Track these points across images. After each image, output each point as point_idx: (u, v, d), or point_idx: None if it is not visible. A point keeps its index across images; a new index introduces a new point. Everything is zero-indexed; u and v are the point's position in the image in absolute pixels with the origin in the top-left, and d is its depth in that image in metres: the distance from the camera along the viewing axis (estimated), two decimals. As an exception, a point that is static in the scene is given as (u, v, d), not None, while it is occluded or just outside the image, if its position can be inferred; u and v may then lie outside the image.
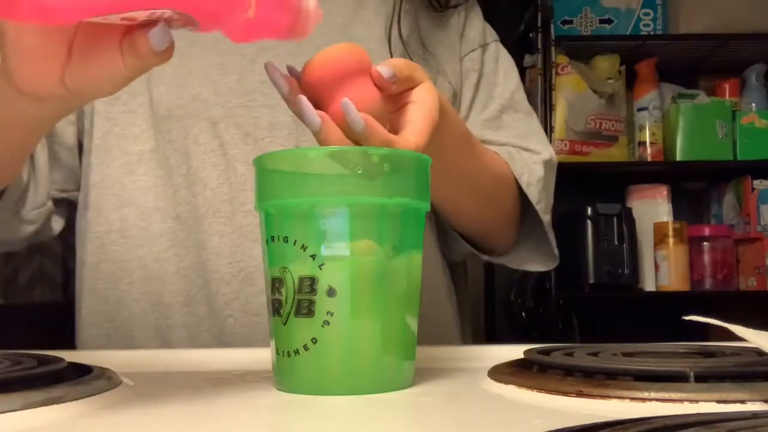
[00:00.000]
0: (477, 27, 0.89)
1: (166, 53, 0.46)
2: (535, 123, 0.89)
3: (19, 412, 0.41)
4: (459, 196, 0.77)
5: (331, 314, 0.48)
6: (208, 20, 0.45)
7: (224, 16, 0.45)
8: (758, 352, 0.51)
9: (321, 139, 0.54)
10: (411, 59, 0.76)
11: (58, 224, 0.84)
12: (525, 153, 0.83)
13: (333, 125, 0.54)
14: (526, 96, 0.90)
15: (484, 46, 0.88)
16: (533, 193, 0.80)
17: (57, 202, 0.82)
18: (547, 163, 0.83)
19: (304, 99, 0.54)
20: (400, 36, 0.82)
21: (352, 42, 0.58)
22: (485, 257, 0.86)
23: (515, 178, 0.80)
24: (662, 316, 1.56)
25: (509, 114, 0.86)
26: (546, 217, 0.82)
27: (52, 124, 0.74)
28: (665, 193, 2.24)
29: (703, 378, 0.44)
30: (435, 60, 0.85)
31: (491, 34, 0.91)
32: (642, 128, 2.25)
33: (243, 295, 0.76)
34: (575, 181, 2.09)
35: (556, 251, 0.84)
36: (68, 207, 0.85)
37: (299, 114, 0.54)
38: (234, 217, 0.77)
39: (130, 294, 0.79)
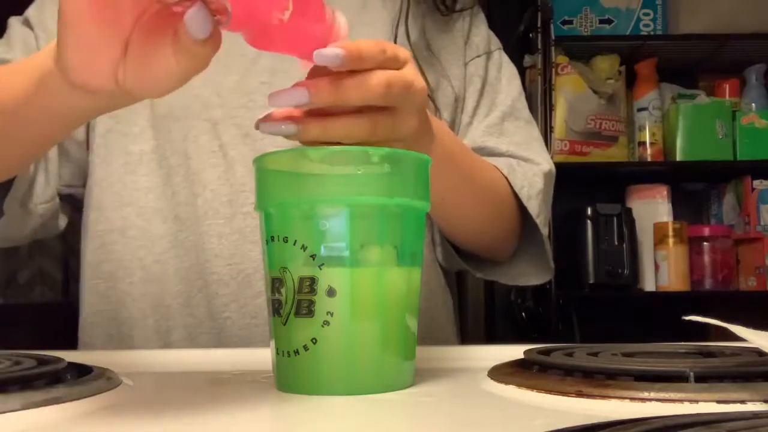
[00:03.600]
0: (482, 34, 0.89)
1: (212, 43, 0.44)
2: (535, 132, 0.88)
3: (18, 412, 0.41)
4: (458, 206, 0.76)
5: (331, 314, 0.48)
6: (242, 11, 0.43)
7: (259, 11, 0.43)
8: (758, 352, 0.51)
9: (300, 138, 0.53)
10: (417, 61, 0.76)
11: (63, 221, 0.84)
12: (525, 164, 0.83)
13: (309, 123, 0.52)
14: (527, 103, 0.90)
15: (488, 54, 0.89)
16: (533, 207, 0.80)
17: (62, 197, 0.82)
18: (546, 175, 0.83)
19: (267, 125, 0.53)
20: (408, 37, 0.82)
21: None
22: (479, 275, 0.86)
23: (513, 191, 0.80)
24: (662, 316, 1.56)
25: (510, 121, 0.86)
26: (545, 230, 0.82)
27: (89, 119, 0.73)
28: (665, 193, 2.24)
29: (703, 378, 0.44)
30: (440, 64, 0.85)
31: (495, 43, 0.91)
32: (642, 128, 2.24)
33: (241, 297, 0.76)
34: (575, 181, 2.09)
35: (552, 264, 0.84)
36: (72, 204, 0.84)
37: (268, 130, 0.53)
38: (234, 219, 0.77)
39: (131, 294, 0.79)
